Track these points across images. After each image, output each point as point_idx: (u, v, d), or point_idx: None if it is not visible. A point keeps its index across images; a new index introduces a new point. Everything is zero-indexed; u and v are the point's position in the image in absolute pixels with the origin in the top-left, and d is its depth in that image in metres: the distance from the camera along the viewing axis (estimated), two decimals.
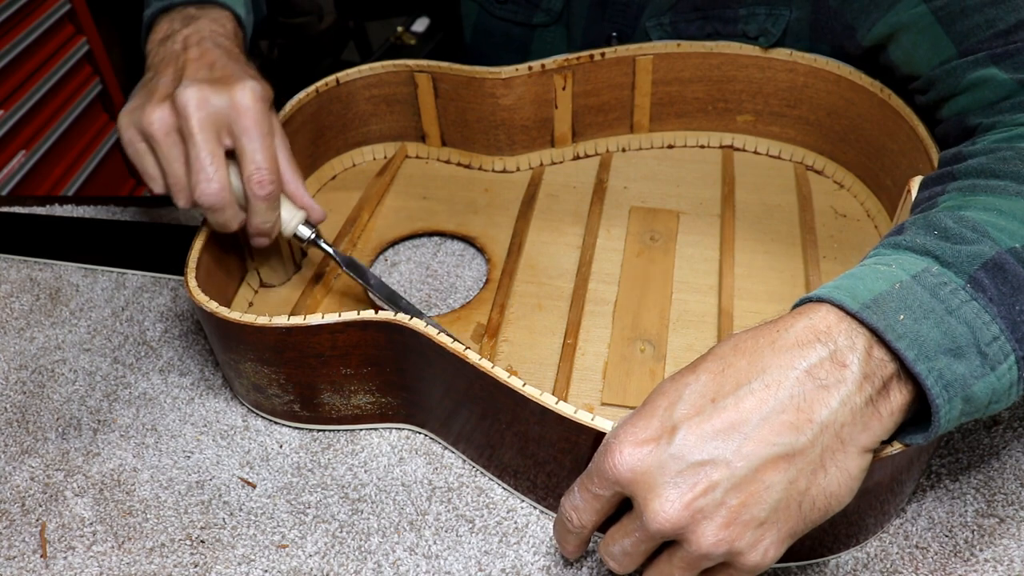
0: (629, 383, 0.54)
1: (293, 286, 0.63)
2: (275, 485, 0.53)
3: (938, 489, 0.50)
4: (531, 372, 0.56)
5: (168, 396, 0.59)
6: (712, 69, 0.70)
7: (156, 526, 0.51)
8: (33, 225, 0.74)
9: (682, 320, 0.58)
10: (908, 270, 0.39)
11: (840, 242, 0.64)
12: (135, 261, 0.70)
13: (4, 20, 1.38)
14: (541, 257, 0.64)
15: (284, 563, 0.48)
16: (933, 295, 0.38)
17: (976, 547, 0.47)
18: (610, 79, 0.70)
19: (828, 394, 0.36)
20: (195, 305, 0.51)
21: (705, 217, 0.68)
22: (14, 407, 0.59)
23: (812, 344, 0.37)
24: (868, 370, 0.36)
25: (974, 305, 0.38)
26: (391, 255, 0.67)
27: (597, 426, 0.42)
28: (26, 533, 0.51)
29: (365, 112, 0.73)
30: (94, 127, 1.65)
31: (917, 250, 0.41)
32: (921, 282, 0.38)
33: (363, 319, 0.48)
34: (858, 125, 0.68)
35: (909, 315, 0.37)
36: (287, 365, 0.51)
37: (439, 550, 0.49)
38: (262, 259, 0.61)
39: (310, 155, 0.70)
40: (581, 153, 0.74)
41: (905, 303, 0.37)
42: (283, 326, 0.49)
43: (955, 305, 0.38)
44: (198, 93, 0.50)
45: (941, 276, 0.38)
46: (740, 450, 0.36)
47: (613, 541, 0.40)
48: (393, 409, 0.54)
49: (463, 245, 0.67)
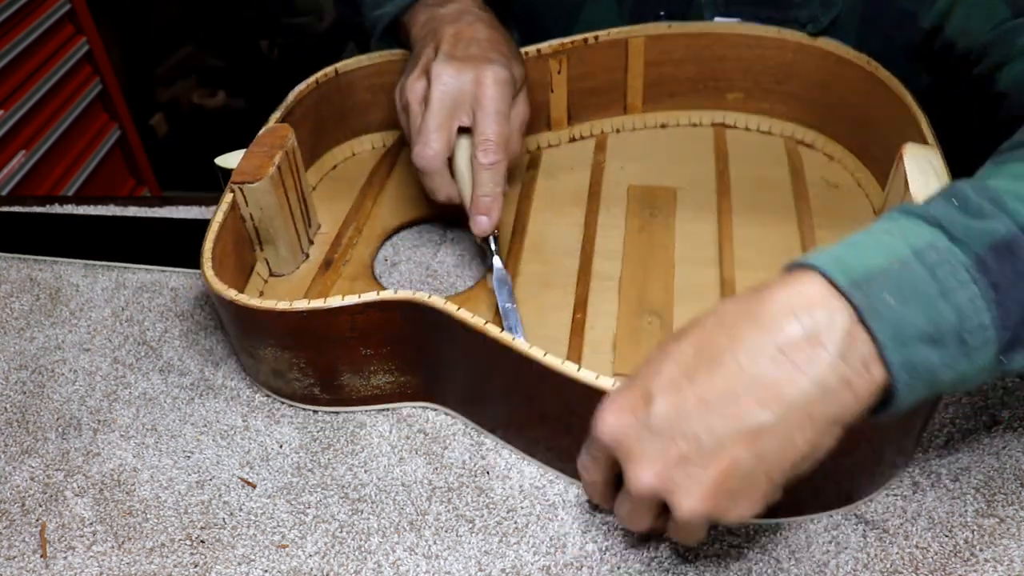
0: (639, 354, 0.55)
1: (302, 274, 0.64)
2: (275, 485, 0.53)
3: (938, 489, 0.50)
4: (543, 347, 0.57)
5: (168, 396, 0.59)
6: (702, 49, 0.72)
7: (156, 526, 0.51)
8: (33, 223, 0.75)
9: (686, 292, 0.60)
10: (912, 243, 0.37)
11: (833, 212, 0.66)
12: (137, 256, 0.70)
13: (4, 20, 1.38)
14: (545, 237, 0.66)
15: (284, 563, 0.48)
16: (931, 274, 0.36)
17: (976, 547, 0.47)
18: (604, 62, 0.72)
19: (799, 373, 0.36)
20: (213, 294, 0.52)
21: (701, 193, 0.69)
22: (14, 407, 0.59)
23: (789, 319, 0.36)
24: (845, 349, 0.36)
25: (972, 289, 0.36)
26: (391, 255, 0.67)
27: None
28: (26, 533, 0.51)
29: (364, 101, 0.74)
30: (94, 127, 1.65)
31: (928, 219, 0.38)
32: (921, 259, 0.36)
33: (382, 299, 0.49)
34: (846, 98, 0.69)
35: (898, 296, 0.36)
36: (307, 349, 0.52)
37: (439, 550, 0.49)
38: (271, 248, 0.62)
39: (311, 145, 0.71)
40: (577, 135, 0.76)
41: (897, 283, 0.36)
42: (303, 310, 0.50)
43: (951, 287, 0.36)
44: (446, 68, 0.56)
45: (945, 253, 0.36)
46: (709, 426, 0.37)
47: (620, 504, 0.42)
48: (412, 388, 0.55)
49: (463, 245, 0.67)
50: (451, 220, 0.68)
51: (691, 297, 0.60)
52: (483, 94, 0.56)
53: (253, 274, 0.62)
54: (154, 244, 0.71)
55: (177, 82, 2.19)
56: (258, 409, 0.58)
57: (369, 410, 0.57)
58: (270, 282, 0.63)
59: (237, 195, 0.58)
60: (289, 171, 0.61)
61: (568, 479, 0.52)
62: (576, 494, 0.51)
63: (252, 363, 0.56)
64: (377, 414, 0.57)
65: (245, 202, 0.58)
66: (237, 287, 0.60)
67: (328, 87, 0.71)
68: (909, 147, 0.54)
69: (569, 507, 0.50)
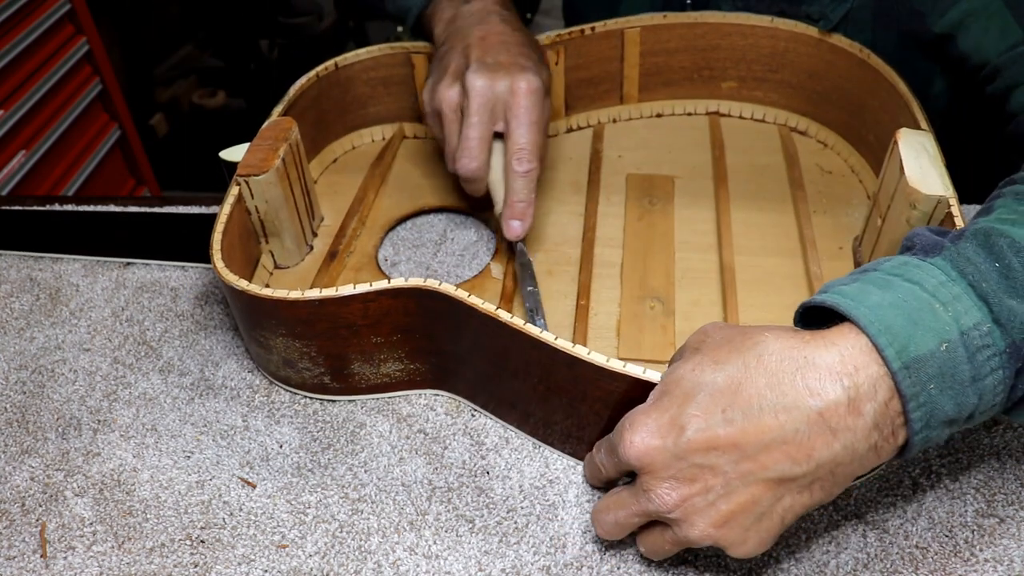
0: (643, 338, 0.56)
1: (307, 266, 0.64)
2: (275, 485, 0.53)
3: (938, 489, 0.50)
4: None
5: (168, 396, 0.59)
6: (697, 39, 0.73)
7: (156, 526, 0.51)
8: (34, 220, 0.75)
9: (687, 277, 0.61)
10: (961, 324, 0.37)
11: (829, 197, 0.67)
12: (138, 251, 0.70)
13: (4, 20, 1.38)
14: (546, 226, 0.66)
15: (284, 563, 0.48)
16: (970, 359, 0.37)
17: (976, 547, 0.47)
18: (600, 52, 0.73)
19: (834, 438, 0.37)
20: (224, 285, 0.53)
21: (699, 180, 0.71)
22: (14, 407, 0.59)
23: (834, 382, 0.37)
24: (880, 420, 0.37)
25: (999, 375, 0.37)
26: (391, 255, 0.67)
27: (627, 372, 0.44)
28: (26, 533, 0.51)
29: (364, 95, 0.75)
30: (94, 127, 1.65)
31: (978, 291, 0.38)
32: (966, 342, 0.37)
33: (394, 287, 0.50)
34: (839, 85, 0.71)
35: (938, 384, 0.37)
36: (318, 337, 0.52)
37: (439, 550, 0.49)
38: (276, 241, 0.62)
39: (312, 139, 0.72)
40: (574, 126, 0.77)
41: (941, 370, 0.37)
42: (315, 298, 0.50)
43: (984, 373, 0.37)
44: (482, 80, 0.57)
45: (986, 339, 0.37)
46: (738, 466, 0.38)
47: (607, 511, 0.44)
48: (421, 375, 0.56)
49: (462, 246, 0.67)
50: (453, 211, 0.69)
51: (692, 282, 0.61)
52: (517, 103, 0.57)
53: (258, 267, 0.63)
54: (155, 239, 0.71)
55: (177, 82, 2.19)
56: (258, 409, 0.58)
57: (379, 398, 0.57)
58: (275, 274, 0.64)
59: (243, 188, 0.58)
60: (293, 163, 0.62)
61: (568, 479, 0.52)
62: (576, 494, 0.51)
63: (262, 353, 0.56)
64: (377, 414, 0.57)
65: (251, 195, 0.58)
66: (244, 278, 0.61)
67: (328, 81, 0.71)
68: (904, 132, 0.56)
69: (569, 507, 0.50)
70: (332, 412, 0.57)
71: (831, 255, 0.62)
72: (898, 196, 0.53)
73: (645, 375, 0.44)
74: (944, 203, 0.51)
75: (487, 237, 0.67)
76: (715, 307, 0.58)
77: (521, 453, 0.54)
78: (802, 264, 0.61)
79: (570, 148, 0.75)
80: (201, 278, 0.69)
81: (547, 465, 0.53)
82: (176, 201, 0.78)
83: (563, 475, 0.52)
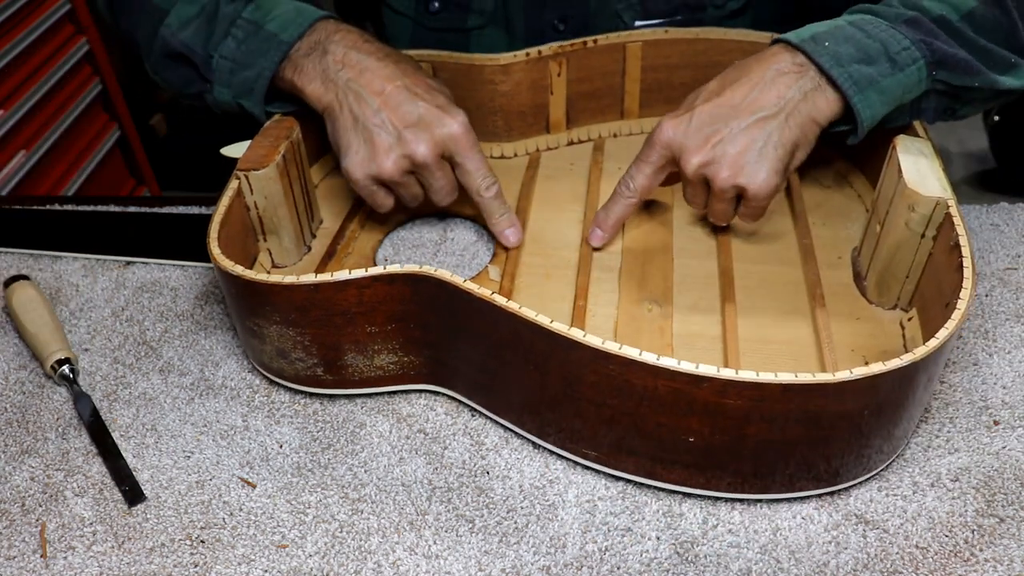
0: (640, 340, 0.56)
1: (304, 265, 0.64)
2: (275, 485, 0.53)
3: (938, 489, 0.50)
4: None
5: (168, 396, 0.59)
6: (698, 55, 0.73)
7: (156, 526, 0.51)
8: (34, 219, 0.75)
9: (685, 282, 0.61)
10: (846, 19, 0.57)
11: (825, 209, 0.67)
12: (138, 250, 0.70)
13: (4, 20, 1.38)
14: (545, 231, 0.67)
15: (284, 563, 0.48)
16: (859, 28, 0.55)
17: (976, 547, 0.47)
18: (602, 66, 0.73)
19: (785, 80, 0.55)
20: (220, 271, 0.53)
21: None
22: (14, 407, 0.59)
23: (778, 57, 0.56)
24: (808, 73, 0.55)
25: (892, 31, 0.55)
26: (391, 255, 0.67)
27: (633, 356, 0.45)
28: (26, 533, 0.51)
29: None
30: (94, 127, 1.65)
31: (863, 9, 0.58)
32: (854, 23, 0.56)
33: (390, 272, 0.50)
34: None
35: (833, 41, 0.55)
36: (313, 325, 0.53)
37: (439, 550, 0.49)
38: (274, 239, 0.62)
39: (313, 144, 0.71)
40: (575, 139, 0.77)
41: (833, 35, 0.55)
42: (311, 283, 0.50)
43: (875, 31, 0.55)
44: (419, 139, 0.58)
45: (871, 20, 0.56)
46: (735, 118, 0.56)
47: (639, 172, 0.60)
48: (415, 369, 0.56)
49: (460, 247, 0.67)
50: (452, 215, 0.69)
51: (690, 287, 0.60)
52: (460, 144, 0.59)
53: (256, 264, 0.63)
54: (155, 239, 0.71)
55: None
56: (258, 409, 0.58)
57: (378, 399, 0.57)
58: (273, 273, 0.64)
59: (243, 182, 0.58)
60: (294, 162, 0.62)
61: (568, 479, 0.52)
62: (576, 494, 0.51)
63: (255, 343, 0.56)
64: (377, 414, 0.57)
65: (250, 189, 0.58)
66: None
67: None
68: (902, 138, 0.56)
69: (569, 507, 0.50)
70: (332, 412, 0.57)
71: (830, 264, 0.61)
72: (897, 200, 0.53)
73: (642, 357, 0.44)
74: (943, 204, 0.51)
75: (486, 239, 0.67)
76: (713, 310, 0.58)
77: (521, 453, 0.54)
78: (801, 272, 0.61)
79: (570, 160, 0.75)
80: (201, 278, 0.69)
81: (547, 465, 0.53)
82: (176, 201, 0.78)
83: (563, 475, 0.52)
